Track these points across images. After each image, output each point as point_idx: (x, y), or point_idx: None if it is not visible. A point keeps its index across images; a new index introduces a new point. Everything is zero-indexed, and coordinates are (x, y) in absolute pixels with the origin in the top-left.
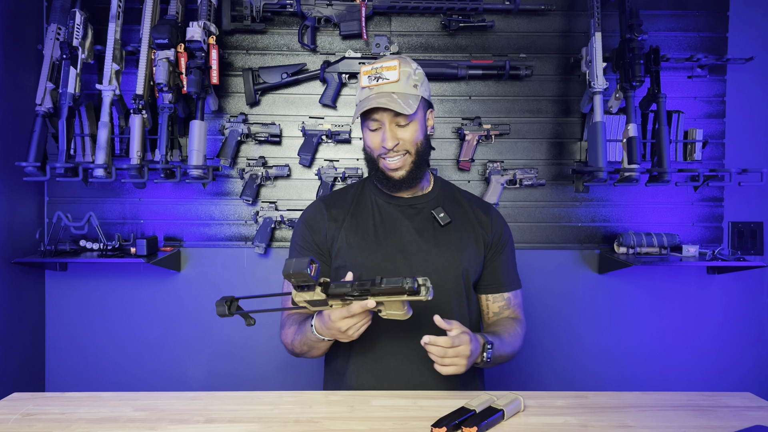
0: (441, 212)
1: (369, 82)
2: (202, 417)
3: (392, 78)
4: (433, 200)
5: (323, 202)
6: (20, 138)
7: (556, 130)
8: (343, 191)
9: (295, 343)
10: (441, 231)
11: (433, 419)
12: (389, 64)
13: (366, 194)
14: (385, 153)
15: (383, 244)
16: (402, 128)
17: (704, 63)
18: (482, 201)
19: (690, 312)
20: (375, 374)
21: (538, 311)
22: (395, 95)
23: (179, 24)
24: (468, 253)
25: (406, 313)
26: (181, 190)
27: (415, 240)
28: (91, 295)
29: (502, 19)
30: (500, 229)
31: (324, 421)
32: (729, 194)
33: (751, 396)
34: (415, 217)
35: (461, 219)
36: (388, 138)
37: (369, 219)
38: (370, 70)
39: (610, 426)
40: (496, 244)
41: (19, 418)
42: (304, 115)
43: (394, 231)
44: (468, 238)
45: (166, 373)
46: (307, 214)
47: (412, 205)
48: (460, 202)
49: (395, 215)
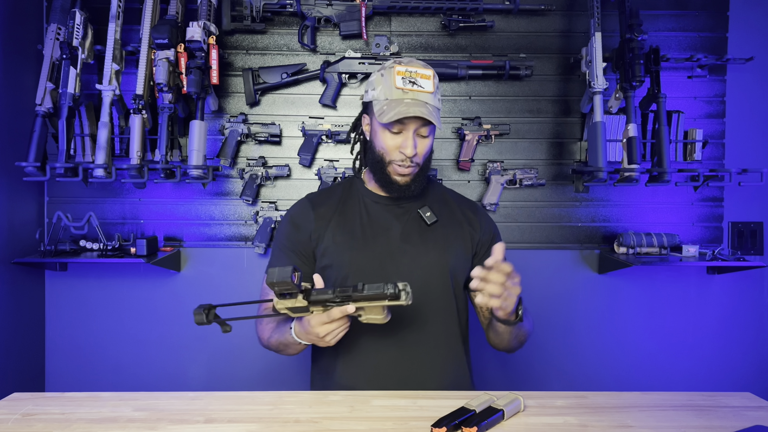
0: (428, 211)
1: (404, 84)
2: (202, 417)
3: (427, 88)
4: (420, 199)
5: (310, 200)
6: (20, 138)
7: (556, 130)
8: (330, 190)
9: (271, 341)
10: (428, 230)
11: (433, 419)
12: (425, 72)
13: (353, 193)
14: (401, 159)
15: (370, 243)
16: (422, 139)
17: (704, 63)
18: (469, 200)
19: (690, 312)
20: (364, 372)
21: (538, 311)
22: (429, 106)
23: (179, 24)
24: (455, 252)
25: (385, 317)
26: (181, 190)
27: (401, 239)
28: (91, 295)
29: (502, 19)
30: (488, 228)
31: (324, 421)
32: (729, 194)
33: (751, 396)
34: (402, 217)
35: (448, 218)
36: (409, 146)
37: (356, 218)
38: (404, 72)
39: (610, 426)
40: (486, 242)
41: (19, 418)
42: (304, 115)
43: (381, 230)
44: (455, 237)
45: (166, 373)
46: (293, 212)
47: (399, 204)
48: (447, 201)
49: (382, 214)
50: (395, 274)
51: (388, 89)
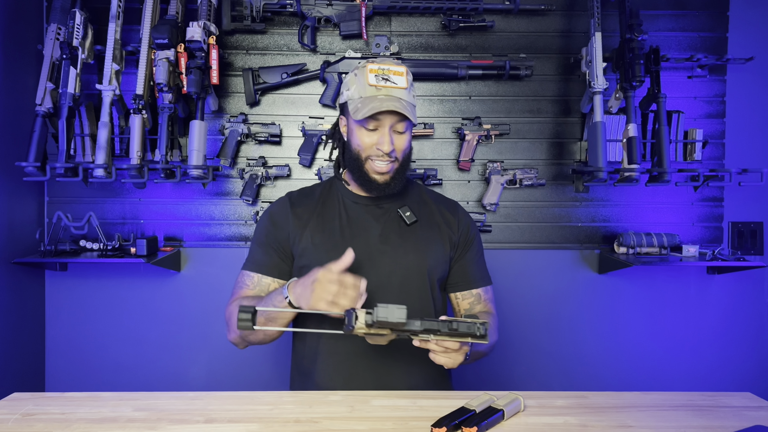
0: (407, 211)
1: (377, 81)
2: (202, 417)
3: (401, 84)
4: (399, 199)
5: (289, 199)
6: (20, 138)
7: (556, 130)
8: (310, 189)
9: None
10: (407, 230)
11: (433, 419)
12: (397, 69)
13: (333, 193)
14: (377, 156)
15: (348, 244)
16: (399, 135)
17: (704, 63)
18: (448, 200)
19: (690, 312)
20: (341, 374)
21: (538, 311)
22: (403, 102)
23: (179, 24)
24: (434, 252)
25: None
26: (181, 190)
27: (380, 240)
28: (91, 295)
29: (502, 19)
30: (466, 227)
31: (324, 421)
32: (729, 194)
33: (751, 396)
34: (381, 217)
35: (427, 218)
36: (386, 142)
37: (335, 218)
38: (377, 69)
39: (610, 426)
40: (464, 243)
41: (19, 418)
42: (304, 115)
43: (360, 230)
44: (434, 237)
45: (166, 373)
46: (273, 209)
47: (378, 204)
48: (426, 201)
49: (361, 214)
50: (374, 275)
51: (361, 87)
